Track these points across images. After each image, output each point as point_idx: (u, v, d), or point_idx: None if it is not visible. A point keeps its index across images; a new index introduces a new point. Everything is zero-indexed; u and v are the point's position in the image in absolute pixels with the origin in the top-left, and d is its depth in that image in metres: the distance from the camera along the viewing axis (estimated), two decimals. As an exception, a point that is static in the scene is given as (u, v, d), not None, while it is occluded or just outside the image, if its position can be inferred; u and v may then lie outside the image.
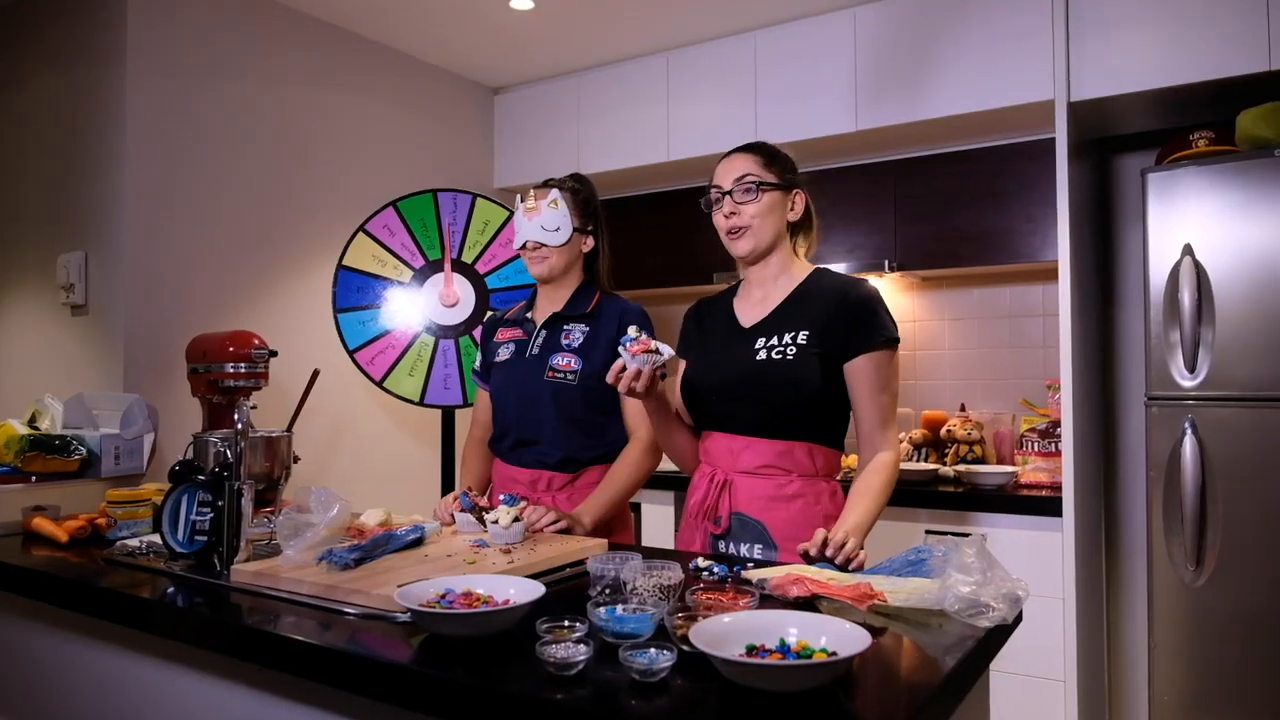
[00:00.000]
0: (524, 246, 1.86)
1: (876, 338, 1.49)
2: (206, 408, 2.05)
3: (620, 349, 1.45)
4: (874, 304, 1.51)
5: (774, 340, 1.52)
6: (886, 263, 2.90)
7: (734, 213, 1.56)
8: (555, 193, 1.86)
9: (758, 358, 1.51)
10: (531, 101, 3.49)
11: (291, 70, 2.75)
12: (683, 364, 1.67)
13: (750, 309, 1.61)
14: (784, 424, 1.50)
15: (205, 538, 1.44)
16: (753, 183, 1.55)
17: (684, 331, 1.72)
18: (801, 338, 1.49)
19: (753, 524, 1.51)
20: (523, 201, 1.88)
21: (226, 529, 1.42)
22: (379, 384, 2.56)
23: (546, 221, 1.83)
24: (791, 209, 1.60)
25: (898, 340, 1.51)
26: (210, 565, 1.44)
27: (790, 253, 1.62)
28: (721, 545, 1.54)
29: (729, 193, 1.57)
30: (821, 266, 1.65)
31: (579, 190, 1.90)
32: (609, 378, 1.46)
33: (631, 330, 1.45)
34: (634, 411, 1.80)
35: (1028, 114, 2.65)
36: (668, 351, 1.43)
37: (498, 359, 1.91)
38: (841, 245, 3.03)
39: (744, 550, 1.52)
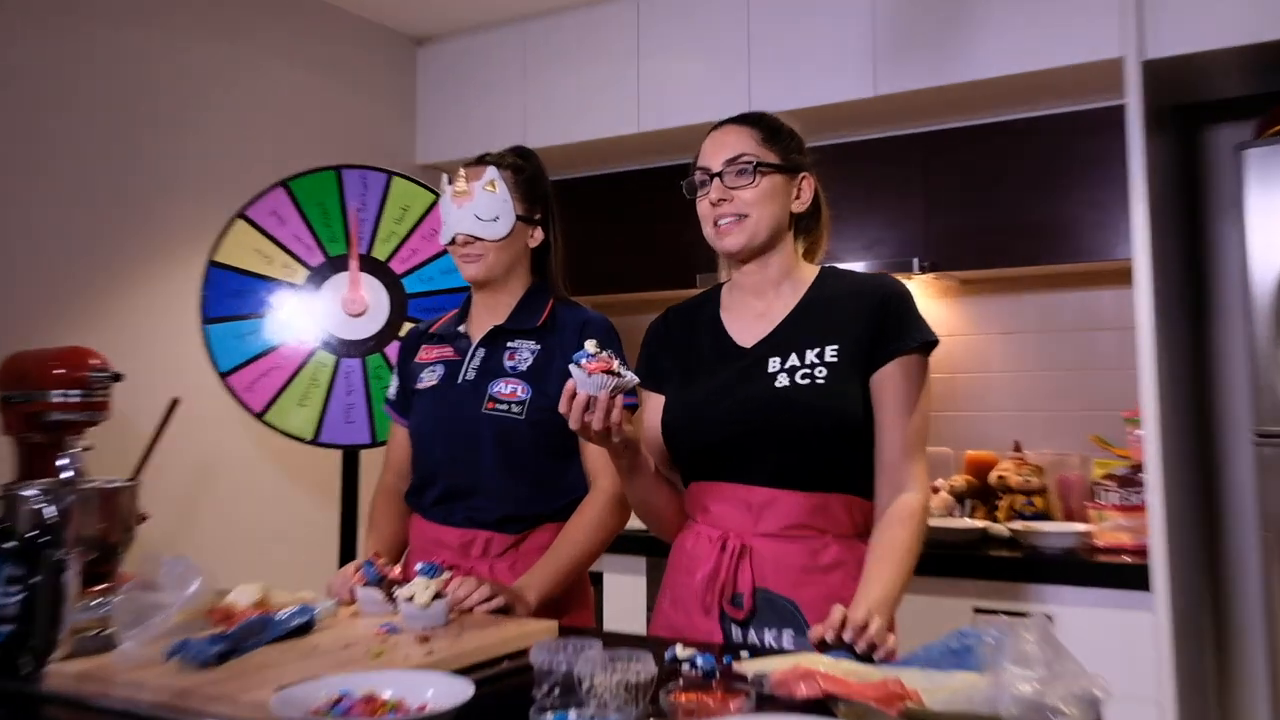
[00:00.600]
0: (453, 241, 1.87)
1: (910, 338, 1.52)
2: (23, 449, 2.02)
3: (572, 367, 1.43)
4: (906, 301, 1.55)
5: (794, 361, 1.53)
6: (915, 261, 2.91)
7: (724, 199, 1.58)
8: (492, 172, 1.88)
9: (778, 384, 1.51)
10: (464, 56, 3.48)
11: (146, 5, 2.71)
12: (652, 399, 1.67)
13: (747, 323, 1.62)
14: (819, 470, 1.51)
15: (11, 627, 1.36)
16: (749, 163, 1.57)
17: (647, 354, 1.71)
18: (831, 354, 1.52)
19: (782, 604, 1.50)
20: (451, 183, 1.90)
21: (41, 615, 1.35)
22: (259, 417, 2.53)
23: (482, 208, 1.85)
24: (797, 197, 1.62)
25: (934, 344, 1.53)
26: (15, 666, 1.35)
27: (794, 251, 1.65)
28: (738, 633, 1.52)
29: (719, 174, 1.59)
30: (830, 266, 1.67)
31: (523, 168, 1.92)
32: (560, 407, 1.45)
33: (589, 345, 1.44)
34: (598, 452, 1.80)
35: (1091, 75, 2.66)
36: (631, 376, 1.43)
37: (421, 384, 1.92)
38: (856, 240, 3.04)
39: (769, 638, 1.51)
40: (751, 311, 1.63)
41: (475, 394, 1.83)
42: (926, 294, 3.23)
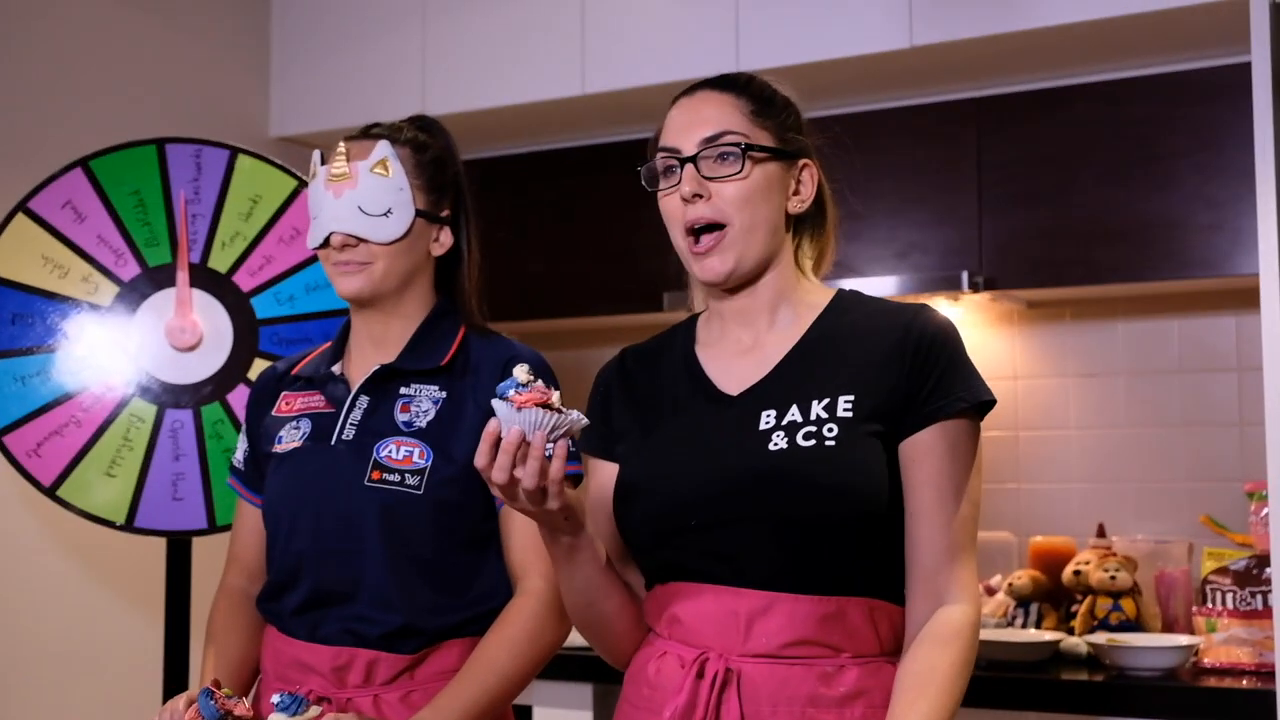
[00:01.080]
0: (326, 243, 1.88)
1: (956, 396, 1.54)
2: None
3: (495, 402, 1.45)
4: (952, 343, 1.57)
5: (794, 415, 1.55)
6: (965, 276, 2.93)
7: (700, 194, 1.59)
8: (384, 148, 1.89)
9: (773, 446, 1.53)
10: (341, -12, 3.51)
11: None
12: (602, 470, 1.68)
13: (734, 364, 1.64)
14: (832, 565, 1.52)
15: None
16: (736, 144, 1.59)
17: (596, 411, 1.72)
18: (844, 408, 1.53)
19: (782, 752, 1.52)
20: (325, 162, 1.91)
21: None
22: (50, 492, 2.49)
23: (368, 198, 1.86)
24: (795, 192, 1.65)
25: (989, 405, 1.55)
26: None
27: (793, 266, 1.67)
28: None
29: (692, 159, 1.60)
30: (848, 289, 1.69)
31: (426, 145, 1.94)
32: (478, 460, 1.47)
33: (519, 371, 1.46)
34: (527, 540, 1.80)
35: (1203, 20, 2.70)
36: (577, 416, 1.47)
37: (279, 446, 1.93)
38: (884, 246, 3.06)
39: None
40: (737, 346, 1.65)
41: (355, 460, 1.84)
42: (980, 322, 3.26)
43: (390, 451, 1.83)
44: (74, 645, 2.99)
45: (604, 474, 1.67)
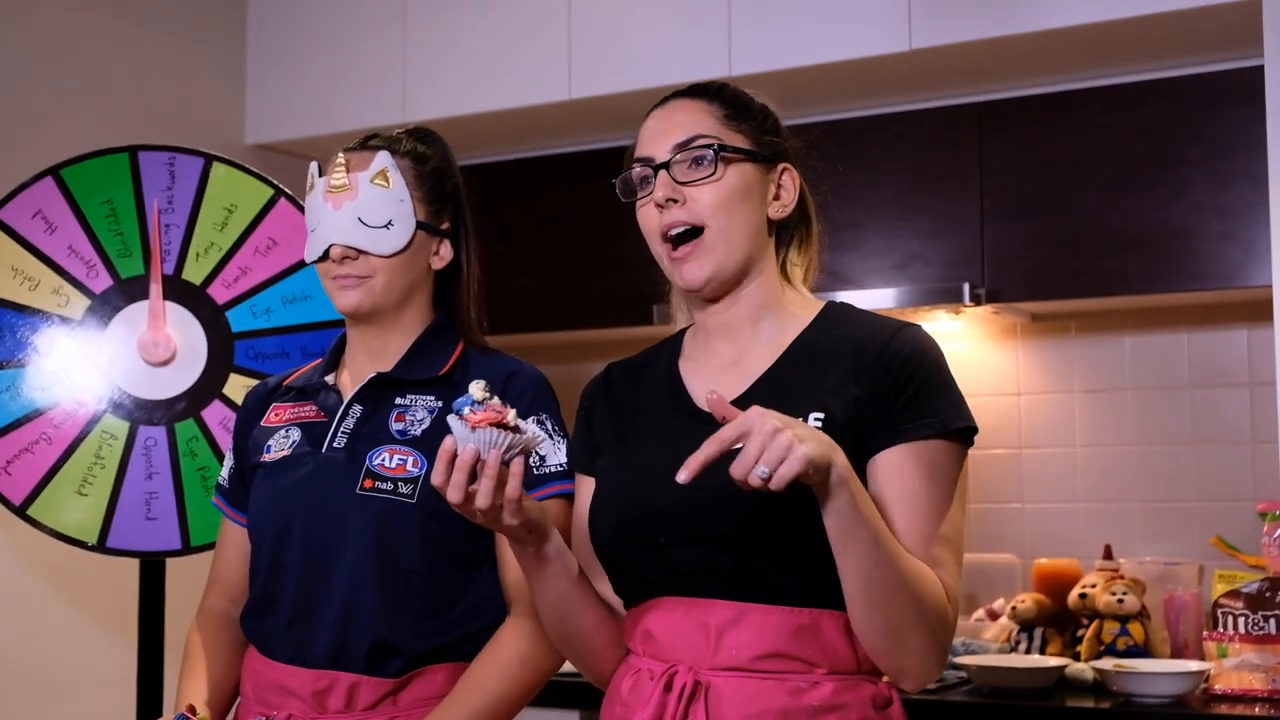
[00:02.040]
0: (326, 256, 1.90)
1: (928, 420, 1.55)
2: None
3: (451, 419, 1.48)
4: (929, 363, 1.58)
5: None
6: (966, 288, 2.93)
7: (674, 198, 1.62)
8: (385, 159, 1.92)
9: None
10: (320, -11, 3.52)
11: None
12: (586, 486, 1.71)
13: (715, 379, 1.65)
14: (802, 580, 1.53)
15: None
16: (708, 146, 1.62)
17: (583, 422, 1.76)
18: (814, 423, 1.54)
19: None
20: (322, 174, 1.94)
21: None
22: (19, 511, 2.50)
23: (369, 210, 1.89)
24: (775, 197, 1.67)
25: (968, 431, 1.57)
26: None
27: (778, 276, 1.70)
28: None
29: (665, 165, 1.63)
30: (837, 300, 1.71)
31: (426, 157, 1.96)
32: (434, 477, 1.49)
33: (474, 387, 1.48)
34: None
35: (1216, 23, 2.70)
36: (534, 432, 1.50)
37: (267, 456, 1.95)
38: (882, 257, 3.06)
39: None
40: (719, 360, 1.67)
41: (347, 467, 1.86)
42: (982, 335, 3.27)
43: (384, 459, 1.85)
44: (45, 668, 2.98)
45: (585, 489, 1.70)
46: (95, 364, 2.54)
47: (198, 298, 2.59)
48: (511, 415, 1.47)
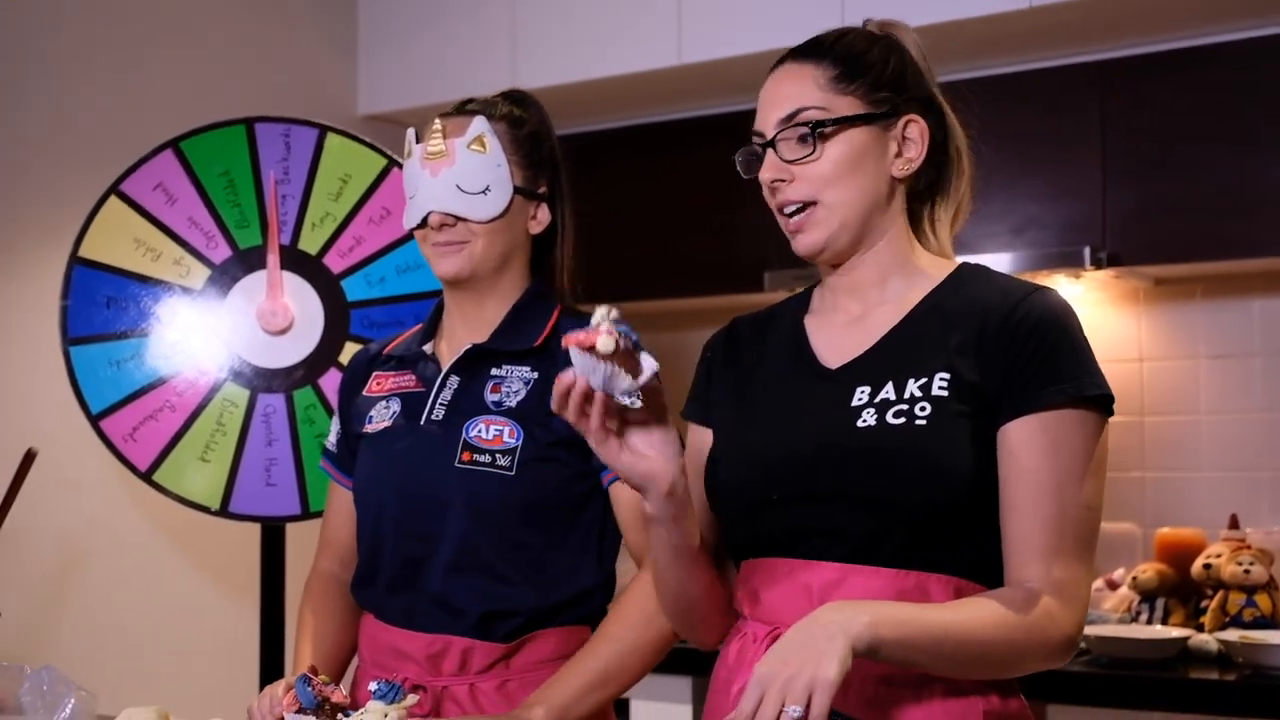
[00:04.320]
0: (424, 223, 1.91)
1: (1062, 386, 1.51)
2: None
3: (567, 346, 1.43)
4: (1061, 328, 1.54)
5: (889, 392, 1.55)
6: (1086, 252, 2.92)
7: (781, 179, 1.60)
8: (481, 124, 1.91)
9: (860, 423, 1.54)
10: (427, -37, 3.56)
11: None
12: (699, 436, 1.71)
13: (838, 336, 1.65)
14: (912, 541, 1.52)
15: None
16: (808, 123, 1.59)
17: (702, 373, 1.75)
18: (939, 385, 1.53)
19: (853, 734, 1.49)
20: (420, 140, 1.93)
21: None
22: (145, 477, 2.57)
23: (466, 176, 1.89)
24: (899, 153, 1.63)
25: (1105, 399, 1.52)
26: None
27: (906, 235, 1.66)
28: None
29: (770, 144, 1.61)
30: (972, 262, 1.68)
31: (522, 120, 1.96)
32: (554, 402, 1.46)
33: (598, 311, 1.41)
34: (638, 518, 1.79)
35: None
36: (652, 368, 1.43)
37: (369, 426, 1.96)
38: (998, 220, 3.03)
39: None
40: (845, 317, 1.65)
41: (445, 440, 1.87)
42: (1103, 300, 3.24)
43: (480, 431, 1.86)
44: (170, 631, 3.07)
45: (700, 439, 1.69)
46: (216, 333, 2.60)
47: (314, 267, 2.63)
48: (618, 336, 1.40)
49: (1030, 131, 3.02)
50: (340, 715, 1.60)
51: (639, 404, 1.45)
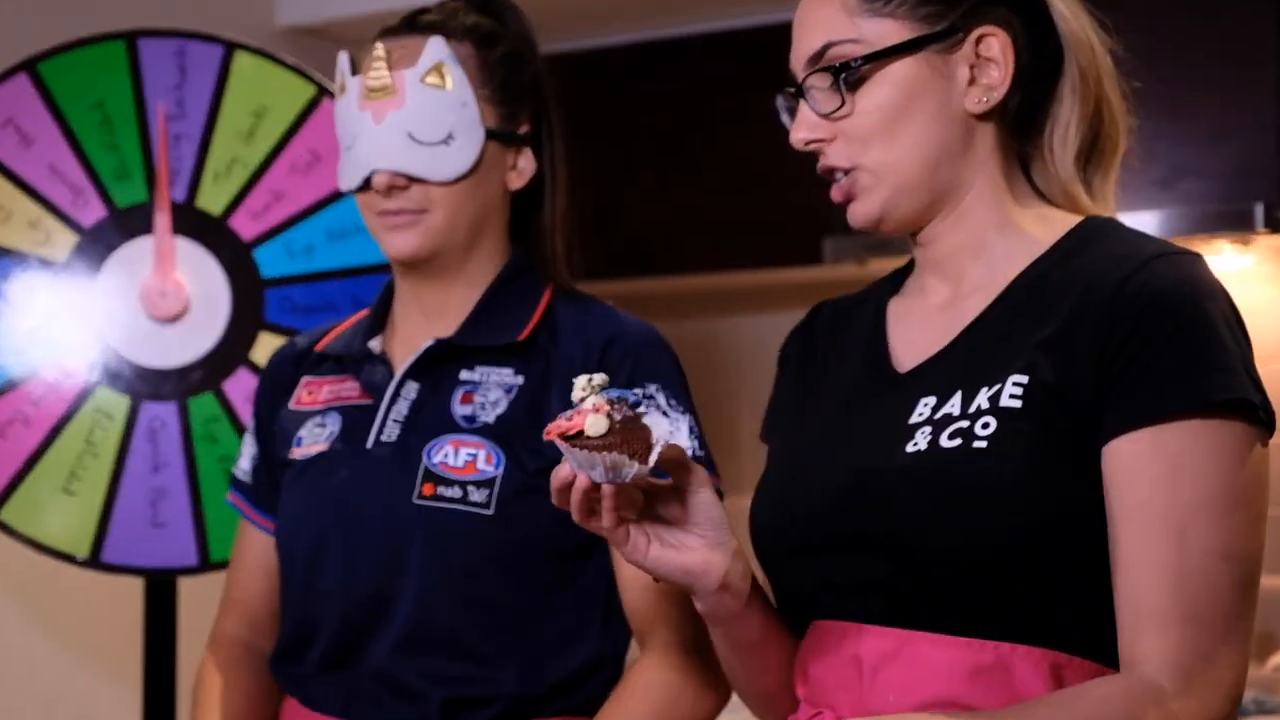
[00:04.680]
0: (367, 185, 1.90)
1: (1179, 389, 1.47)
2: None
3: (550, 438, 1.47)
4: (1184, 312, 1.49)
5: (953, 404, 1.55)
6: (1259, 210, 2.92)
7: (817, 138, 1.61)
8: (438, 47, 1.91)
9: (910, 446, 1.55)
10: None
11: None
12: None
13: (920, 328, 1.67)
14: (982, 601, 1.51)
15: None
16: (833, 66, 1.58)
17: (777, 385, 1.79)
18: (1011, 393, 1.51)
19: None
20: (355, 71, 1.94)
21: None
22: None
23: (420, 121, 1.89)
24: (972, 80, 1.60)
25: (1248, 407, 1.47)
26: None
27: (1003, 188, 1.64)
28: None
29: (798, 92, 1.62)
30: (1104, 217, 1.65)
31: (495, 35, 1.97)
32: (554, 497, 1.50)
33: (578, 383, 1.46)
34: (649, 581, 1.76)
35: None
36: (664, 434, 1.47)
37: (298, 451, 1.97)
38: (1144, 171, 2.93)
39: None
40: (934, 300, 1.66)
41: (400, 469, 1.88)
42: (1278, 275, 3.23)
43: (446, 456, 1.87)
44: (24, 715, 3.06)
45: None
46: (85, 320, 2.58)
47: (217, 232, 2.62)
48: (609, 407, 1.45)
49: (1184, 53, 3.00)
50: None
51: (667, 478, 1.50)
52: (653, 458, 1.44)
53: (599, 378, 1.45)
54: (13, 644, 3.06)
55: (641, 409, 1.45)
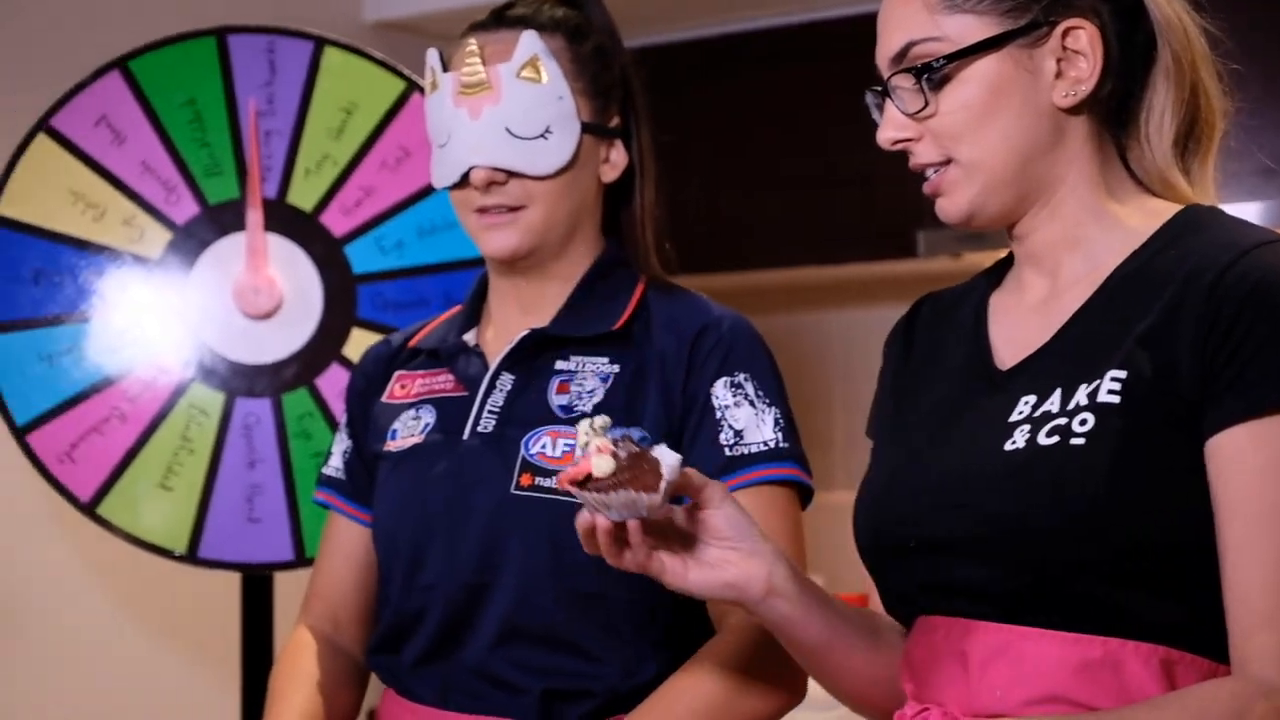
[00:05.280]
0: (464, 181, 1.89)
1: (1278, 386, 1.45)
2: None
3: (561, 486, 1.50)
4: None
5: (1054, 401, 1.54)
6: None
7: (904, 138, 1.60)
8: (531, 41, 1.91)
9: (1009, 444, 1.54)
10: None
11: None
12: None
13: (1021, 324, 1.66)
14: (1089, 596, 1.50)
15: None
16: (914, 66, 1.58)
17: (881, 381, 1.79)
18: (1110, 388, 1.50)
19: None
20: (448, 67, 1.93)
21: None
22: (87, 510, 2.57)
23: (517, 115, 1.89)
24: (1059, 74, 1.58)
25: None
26: None
27: (1098, 179, 1.63)
28: None
29: (884, 91, 1.62)
30: (1205, 206, 1.62)
31: (582, 29, 1.97)
32: (582, 541, 1.52)
33: (581, 428, 1.47)
34: None
35: None
36: (673, 463, 1.47)
37: (394, 444, 1.96)
38: (1243, 159, 2.90)
39: None
40: (1033, 296, 1.65)
41: (498, 460, 1.87)
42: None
43: (544, 446, 1.86)
44: (124, 709, 3.08)
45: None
46: (179, 317, 2.59)
47: (309, 229, 2.63)
48: (615, 446, 1.46)
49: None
50: None
51: (686, 502, 1.52)
52: (663, 486, 1.45)
53: (600, 420, 1.46)
54: (111, 640, 3.08)
55: (647, 444, 1.47)
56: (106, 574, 3.06)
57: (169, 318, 2.60)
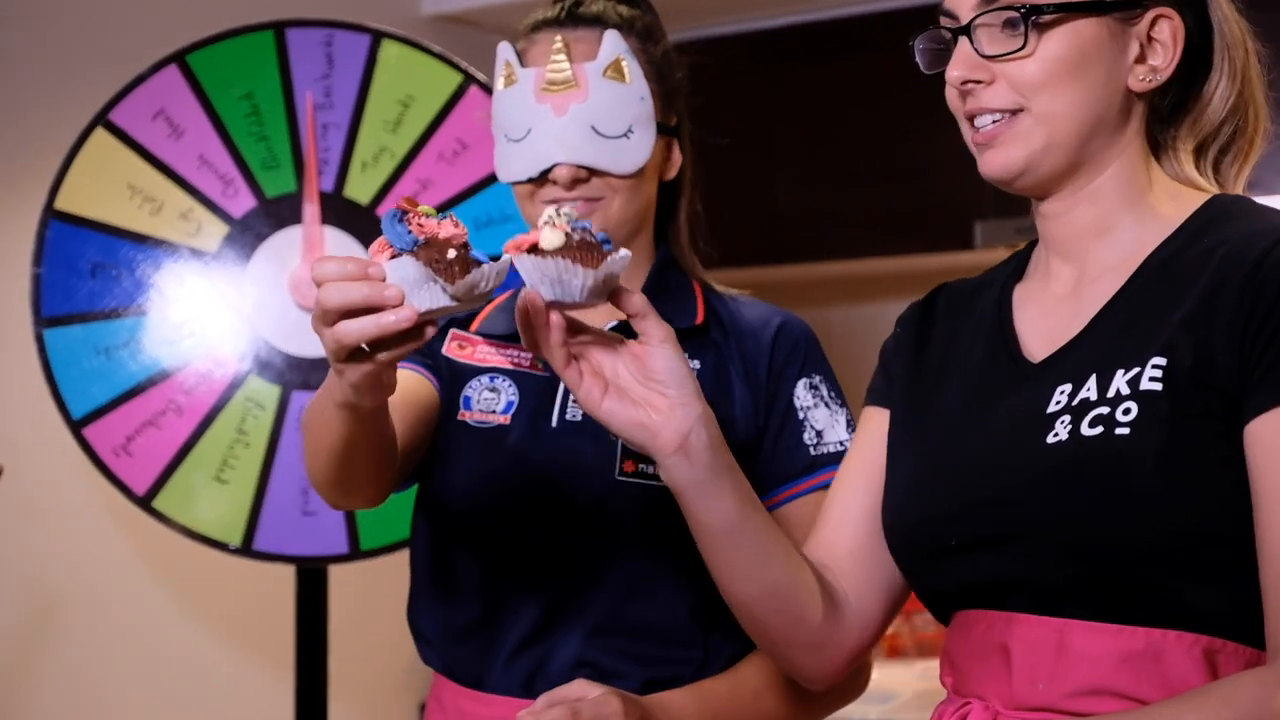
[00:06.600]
0: (544, 177, 1.89)
1: None
2: None
3: (507, 252, 1.45)
4: None
5: (1089, 389, 1.54)
6: None
7: (976, 79, 1.58)
8: (615, 41, 1.91)
9: (1051, 437, 1.53)
10: None
11: None
12: (875, 419, 1.74)
13: (1049, 314, 1.65)
14: (1132, 588, 1.50)
15: None
16: (1020, 6, 1.56)
17: (885, 353, 1.79)
18: (1151, 375, 1.50)
19: None
20: (525, 62, 1.92)
21: None
22: (143, 503, 2.58)
23: (603, 115, 1.89)
24: (1139, 59, 1.59)
25: None
26: None
27: (1142, 167, 1.63)
28: None
29: (966, 30, 1.58)
30: (1229, 195, 1.63)
31: (654, 32, 1.97)
32: (516, 316, 1.47)
33: (548, 212, 1.43)
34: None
35: None
36: (622, 258, 1.46)
37: (470, 414, 1.92)
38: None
39: None
40: (1059, 286, 1.64)
41: (597, 446, 1.87)
42: None
43: None
44: (179, 701, 3.09)
45: (875, 425, 1.72)
46: (236, 310, 2.60)
47: (366, 222, 2.63)
48: (569, 226, 1.43)
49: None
50: (464, 251, 1.45)
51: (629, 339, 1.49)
52: (602, 268, 1.43)
53: (567, 208, 1.45)
54: (166, 632, 3.10)
55: (608, 249, 1.44)
56: (161, 567, 3.07)
57: (225, 311, 2.61)
